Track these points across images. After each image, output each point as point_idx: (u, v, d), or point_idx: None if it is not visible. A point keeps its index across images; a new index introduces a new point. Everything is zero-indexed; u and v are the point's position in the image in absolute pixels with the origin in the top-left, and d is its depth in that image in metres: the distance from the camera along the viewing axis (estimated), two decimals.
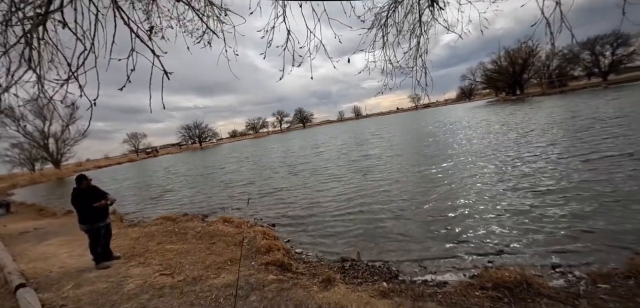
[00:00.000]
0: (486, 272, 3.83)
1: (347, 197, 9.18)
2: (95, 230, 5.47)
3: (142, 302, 4.02)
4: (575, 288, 3.31)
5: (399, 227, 6.33)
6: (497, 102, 56.96)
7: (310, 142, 35.21)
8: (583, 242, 4.61)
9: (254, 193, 12.05)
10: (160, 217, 9.44)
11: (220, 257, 5.43)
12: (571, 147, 10.37)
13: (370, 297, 3.58)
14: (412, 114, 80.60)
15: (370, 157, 16.27)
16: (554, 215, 5.62)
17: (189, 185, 17.17)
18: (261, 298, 3.79)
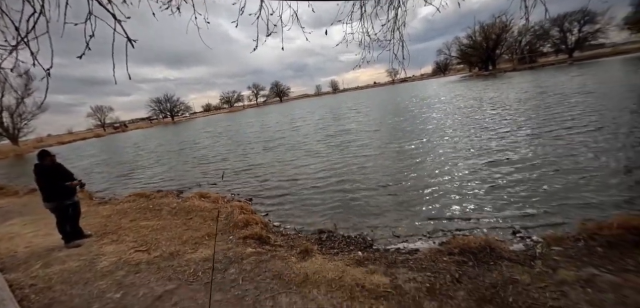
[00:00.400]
0: (454, 239, 4.06)
1: (324, 171, 9.28)
2: (63, 208, 5.24)
3: (118, 279, 3.96)
4: (532, 251, 3.59)
5: (374, 199, 6.51)
6: (470, 77, 58.40)
7: (287, 117, 34.83)
8: (542, 210, 4.96)
9: (230, 169, 11.88)
10: (133, 193, 9.16)
11: (197, 232, 5.39)
12: (537, 122, 10.92)
13: (346, 265, 3.71)
14: (389, 89, 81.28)
15: (348, 132, 16.38)
16: (517, 186, 5.98)
17: (161, 162, 16.63)
18: (240, 271, 3.84)
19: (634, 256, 3.13)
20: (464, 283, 3.07)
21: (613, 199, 4.90)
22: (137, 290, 3.63)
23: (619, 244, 3.34)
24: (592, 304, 2.51)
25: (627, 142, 7.27)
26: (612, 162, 6.32)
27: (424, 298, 2.91)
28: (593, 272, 2.98)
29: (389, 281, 3.25)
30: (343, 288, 3.19)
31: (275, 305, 3.06)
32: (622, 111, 10.22)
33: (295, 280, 3.48)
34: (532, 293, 2.76)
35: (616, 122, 9.11)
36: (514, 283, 2.94)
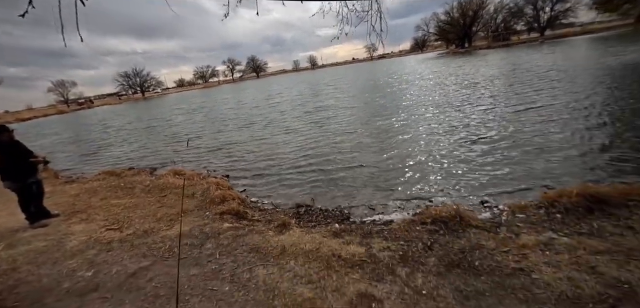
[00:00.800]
0: (426, 210, 4.22)
1: (302, 148, 9.27)
2: (26, 186, 4.96)
3: (89, 258, 3.85)
4: (498, 219, 3.80)
5: (352, 175, 6.60)
6: (447, 55, 59.26)
7: (264, 93, 34.19)
8: (509, 181, 5.23)
9: (205, 147, 11.61)
10: (103, 172, 8.79)
11: (172, 209, 5.29)
12: (510, 99, 11.32)
13: (323, 237, 3.78)
14: (368, 65, 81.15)
15: (326, 108, 16.33)
16: (488, 160, 6.24)
17: (132, 140, 15.97)
18: (217, 245, 3.83)
19: (588, 221, 3.39)
20: (434, 250, 3.21)
21: (576, 170, 5.24)
22: (109, 268, 3.55)
23: (575, 210, 3.59)
24: (549, 264, 2.72)
25: (592, 118, 7.72)
26: (577, 135, 6.71)
27: (397, 265, 3.03)
28: (551, 236, 3.20)
29: (364, 250, 3.35)
30: (320, 259, 3.26)
31: (252, 277, 3.09)
32: (589, 89, 10.76)
33: (272, 252, 3.51)
34: (496, 257, 2.94)
35: (582, 99, 9.61)
36: (480, 249, 3.11)
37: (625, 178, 4.65)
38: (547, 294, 2.39)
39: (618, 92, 9.71)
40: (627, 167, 5.04)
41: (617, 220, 3.29)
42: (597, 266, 2.60)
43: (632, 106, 8.09)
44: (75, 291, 3.17)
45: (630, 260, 2.63)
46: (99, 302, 2.95)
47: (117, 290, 3.13)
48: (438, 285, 2.67)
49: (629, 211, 3.42)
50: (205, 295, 2.89)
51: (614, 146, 5.92)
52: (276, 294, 2.79)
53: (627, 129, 6.62)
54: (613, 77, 12.16)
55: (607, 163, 5.33)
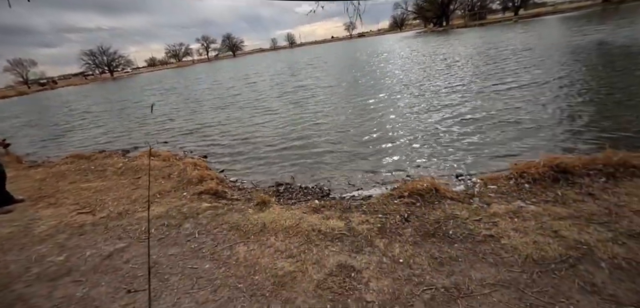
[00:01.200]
0: (404, 184, 4.31)
1: (281, 127, 9.18)
2: None
3: (60, 242, 3.69)
4: (471, 190, 3.96)
5: (332, 153, 6.61)
6: (425, 33, 59.70)
7: (241, 72, 33.33)
8: (483, 154, 5.44)
9: (180, 127, 11.27)
10: (71, 155, 8.37)
11: (147, 190, 5.13)
12: (486, 77, 11.63)
13: (303, 213, 3.81)
14: (347, 43, 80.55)
15: (305, 88, 16.15)
16: (463, 135, 6.44)
17: (100, 122, 15.22)
18: (196, 225, 3.78)
19: (554, 189, 3.59)
20: (411, 221, 3.32)
21: (544, 142, 5.51)
22: (82, 252, 3.43)
23: (542, 180, 3.79)
24: (517, 231, 2.87)
25: (561, 93, 8.08)
26: (547, 110, 7.02)
27: (375, 236, 3.11)
28: (520, 204, 3.38)
29: (344, 224, 3.41)
30: (300, 234, 3.29)
31: (232, 254, 3.08)
32: (559, 66, 11.21)
33: (253, 230, 3.51)
34: (469, 226, 3.07)
35: (553, 75, 10.01)
36: (454, 219, 3.24)
37: (588, 147, 4.96)
38: (515, 258, 2.54)
39: (585, 68, 10.20)
40: (590, 138, 5.36)
41: (580, 188, 3.51)
42: (560, 230, 2.78)
43: (596, 81, 8.52)
44: (45, 276, 3.05)
45: (590, 223, 2.83)
46: (72, 286, 2.86)
47: (92, 272, 3.04)
48: (414, 254, 2.77)
49: (590, 179, 3.64)
50: (185, 273, 2.87)
51: (579, 119, 6.26)
52: (257, 269, 2.81)
53: (591, 103, 7.00)
54: (581, 54, 12.73)
55: (573, 135, 5.64)
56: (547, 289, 2.19)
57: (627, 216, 2.85)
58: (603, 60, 11.11)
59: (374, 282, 2.49)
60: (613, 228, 2.71)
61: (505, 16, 64.46)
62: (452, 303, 2.19)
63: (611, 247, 2.48)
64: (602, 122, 5.92)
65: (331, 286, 2.50)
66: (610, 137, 5.22)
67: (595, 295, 2.09)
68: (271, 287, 2.57)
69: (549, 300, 2.10)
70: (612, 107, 6.61)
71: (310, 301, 2.37)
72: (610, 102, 6.88)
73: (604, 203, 3.13)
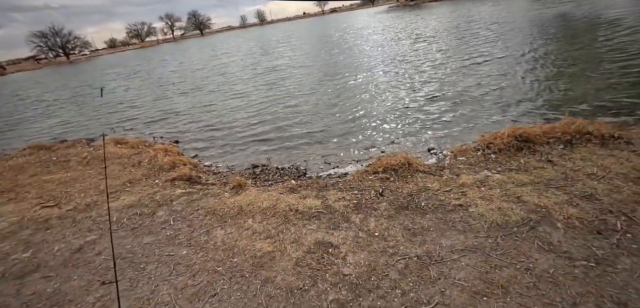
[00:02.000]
0: (379, 160, 4.41)
1: (255, 109, 9.02)
2: None
3: (24, 238, 3.51)
4: (442, 163, 4.13)
5: (307, 133, 6.60)
6: (397, 8, 59.73)
7: (209, 53, 32.07)
8: (453, 129, 5.63)
9: (146, 114, 10.80)
10: (30, 146, 7.83)
11: (117, 180, 4.94)
12: (457, 51, 11.91)
13: (280, 194, 3.82)
14: (319, 20, 79.19)
15: (278, 68, 15.82)
16: (436, 110, 6.61)
17: (58, 111, 14.26)
18: (170, 212, 3.70)
19: (517, 158, 3.81)
20: (386, 196, 3.42)
21: (511, 114, 5.78)
22: (50, 246, 3.28)
23: (507, 150, 4.01)
24: (484, 199, 3.05)
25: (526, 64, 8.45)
26: (514, 82, 7.35)
27: (351, 212, 3.19)
28: (487, 174, 3.57)
29: (321, 203, 3.46)
30: (277, 215, 3.32)
31: (210, 239, 3.06)
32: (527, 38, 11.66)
33: (229, 213, 3.49)
34: (439, 197, 3.22)
35: (521, 48, 10.41)
36: (426, 191, 3.38)
37: (548, 117, 5.27)
38: (481, 224, 2.71)
39: (549, 41, 10.68)
40: (551, 108, 5.69)
41: (540, 156, 3.75)
42: (522, 196, 2.98)
43: (558, 54, 8.97)
44: (11, 274, 2.91)
45: (549, 188, 3.05)
46: (42, 282, 2.75)
47: (62, 267, 2.93)
48: (389, 227, 2.88)
49: (549, 147, 3.90)
50: (161, 260, 2.83)
51: (543, 90, 6.60)
52: (235, 252, 2.82)
53: (554, 75, 7.38)
54: (546, 27, 13.29)
55: (536, 106, 5.96)
56: (509, 251, 2.36)
57: (581, 179, 3.09)
58: (566, 33, 11.67)
59: (351, 256, 2.57)
60: (568, 191, 2.93)
61: None
62: (425, 270, 2.32)
63: (566, 208, 2.70)
64: (563, 93, 6.29)
65: (310, 263, 2.57)
66: (569, 106, 5.56)
67: (552, 253, 2.28)
68: (250, 267, 2.60)
69: (511, 260, 2.27)
70: (573, 78, 7.00)
71: (289, 278, 2.43)
72: (572, 74, 7.27)
73: (561, 168, 3.37)
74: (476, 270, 2.24)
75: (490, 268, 2.23)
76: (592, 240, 2.34)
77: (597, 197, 2.78)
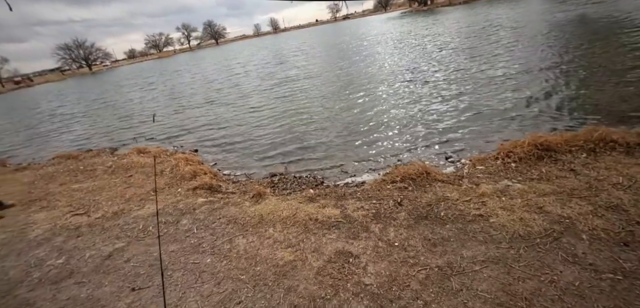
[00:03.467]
0: (396, 168, 4.43)
1: (271, 118, 9.16)
2: None
3: (57, 245, 3.70)
4: (461, 172, 4.11)
5: (323, 141, 6.67)
6: (410, 13, 59.49)
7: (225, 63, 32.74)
8: (471, 137, 5.58)
9: (168, 122, 11.12)
10: (58, 155, 8.21)
11: (141, 188, 5.13)
12: (473, 58, 11.78)
13: (299, 203, 3.89)
14: (332, 26, 79.68)
15: (293, 78, 16.01)
16: (451, 119, 6.57)
17: (83, 120, 14.87)
18: (193, 220, 3.82)
19: (538, 167, 3.76)
20: (404, 205, 3.44)
21: (531, 122, 5.69)
22: (82, 253, 3.45)
23: (528, 159, 3.96)
24: (505, 209, 3.03)
25: (545, 70, 8.30)
26: (529, 88, 7.22)
27: (370, 222, 3.23)
28: (507, 183, 3.54)
29: (340, 212, 3.51)
30: (297, 224, 3.38)
31: (232, 247, 3.15)
32: (545, 44, 11.43)
33: (250, 222, 3.58)
34: (459, 207, 3.21)
35: (538, 53, 10.24)
36: (445, 200, 3.38)
37: (570, 125, 5.16)
38: (503, 234, 2.69)
39: (568, 46, 10.44)
40: (572, 116, 5.57)
41: (562, 165, 3.69)
42: (545, 206, 2.94)
43: (579, 59, 8.75)
44: (47, 279, 3.08)
45: (572, 198, 3.00)
46: (76, 288, 2.90)
47: (94, 273, 3.07)
48: (408, 237, 2.90)
49: (572, 156, 3.83)
50: (187, 268, 2.93)
51: (563, 97, 6.47)
52: (258, 260, 2.89)
53: (575, 81, 7.22)
54: (567, 30, 12.99)
55: (557, 113, 5.85)
56: (533, 262, 2.34)
57: (606, 189, 3.03)
58: (586, 36, 11.37)
59: (372, 266, 2.61)
60: (593, 202, 2.88)
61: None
62: (446, 281, 2.33)
63: (591, 219, 2.65)
64: (584, 100, 6.14)
65: (331, 272, 2.61)
66: (592, 114, 5.44)
67: (577, 265, 2.25)
68: (273, 276, 2.66)
69: (535, 272, 2.26)
70: (596, 85, 6.80)
71: (312, 287, 2.48)
72: (593, 80, 7.08)
73: (585, 178, 3.31)
74: (499, 281, 2.24)
75: (513, 280, 2.22)
76: (619, 252, 2.30)
77: (623, 208, 2.73)
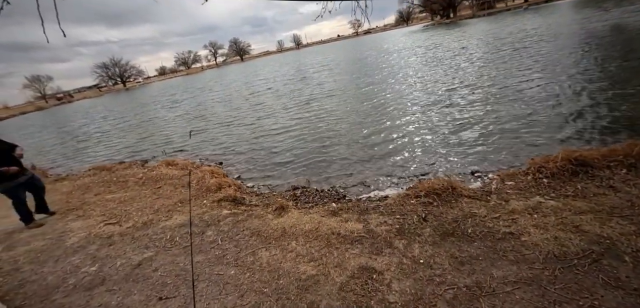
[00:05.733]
0: (420, 183, 4.34)
1: (294, 132, 9.27)
2: (13, 188, 4.82)
3: (91, 253, 3.88)
4: (488, 187, 3.96)
5: (345, 155, 6.64)
6: (433, 26, 58.96)
7: (250, 78, 33.65)
8: (498, 151, 5.39)
9: (195, 137, 11.52)
10: (93, 167, 8.68)
11: (169, 200, 5.31)
12: (499, 70, 11.48)
13: (321, 217, 3.89)
14: (354, 41, 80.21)
15: (317, 97, 16.19)
16: (478, 133, 6.38)
17: (117, 132, 15.70)
18: (218, 232, 3.90)
19: (573, 183, 3.56)
20: (429, 221, 3.35)
21: (563, 136, 5.43)
22: (113, 261, 3.60)
23: (561, 174, 3.76)
24: (537, 227, 2.88)
25: (577, 83, 7.93)
26: (560, 101, 6.91)
27: (394, 237, 3.17)
28: (539, 200, 3.37)
29: (362, 227, 3.47)
30: (320, 238, 3.37)
31: (256, 260, 3.18)
32: (574, 56, 10.97)
33: (273, 235, 3.61)
34: (487, 224, 3.09)
35: (569, 67, 9.82)
36: (473, 217, 3.26)
37: (607, 139, 4.87)
38: (536, 254, 2.56)
39: (601, 57, 9.94)
40: (609, 130, 5.26)
41: (600, 181, 3.47)
42: (581, 225, 2.77)
43: (611, 71, 8.31)
44: (82, 286, 3.22)
45: (612, 217, 2.81)
46: (107, 295, 3.01)
47: (124, 281, 3.19)
48: (434, 254, 2.81)
49: (610, 171, 3.60)
50: (211, 279, 2.98)
51: (597, 110, 6.13)
52: (281, 274, 2.90)
53: (608, 91, 6.84)
54: (598, 38, 12.41)
55: (591, 127, 5.54)
56: (570, 285, 2.21)
57: None
58: (620, 47, 10.80)
59: (396, 283, 2.54)
60: (636, 222, 2.69)
61: (515, 3, 62.98)
62: (475, 301, 2.23)
63: (635, 240, 2.47)
64: (621, 113, 5.80)
65: (354, 288, 2.57)
66: (630, 128, 5.12)
67: (620, 290, 2.10)
68: (296, 290, 2.66)
69: (573, 296, 2.12)
70: (632, 97, 6.42)
71: (335, 303, 2.45)
72: (630, 92, 6.68)
73: (626, 195, 3.10)
74: (532, 304, 2.12)
75: (548, 304, 2.10)
76: None
77: None
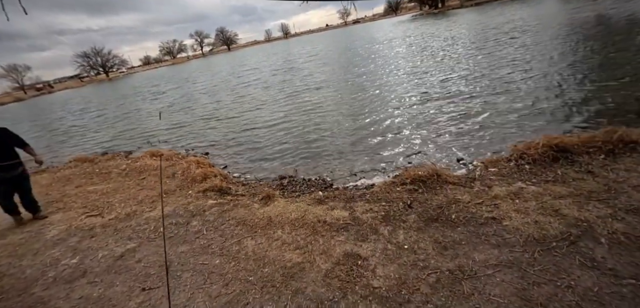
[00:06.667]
0: (406, 171, 4.36)
1: (281, 122, 9.19)
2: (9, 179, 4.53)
3: (72, 245, 3.78)
4: (472, 174, 4.02)
5: (332, 145, 6.63)
6: (421, 16, 59.07)
7: (236, 68, 33.15)
8: (482, 139, 5.47)
9: (181, 127, 11.31)
10: (74, 158, 8.43)
11: (153, 190, 5.22)
12: (485, 59, 11.59)
13: (307, 205, 3.88)
14: (342, 31, 79.74)
15: (303, 88, 16.07)
16: (463, 121, 6.45)
17: (99, 124, 15.29)
18: (203, 222, 3.85)
19: (554, 169, 3.65)
20: (414, 208, 3.39)
21: (543, 122, 5.55)
22: (95, 253, 3.52)
23: (542, 160, 3.84)
24: (519, 212, 2.94)
25: (560, 70, 8.09)
26: (546, 90, 7.04)
27: (379, 224, 3.19)
28: (520, 185, 3.44)
29: (348, 214, 3.48)
30: (306, 226, 3.37)
31: (241, 249, 3.16)
32: (558, 45, 11.17)
33: (259, 224, 3.59)
34: (471, 209, 3.14)
35: (553, 55, 9.99)
36: (457, 203, 3.31)
37: (587, 126, 5.00)
38: (516, 238, 2.61)
39: (584, 46, 10.16)
40: (590, 117, 5.40)
41: (579, 166, 3.57)
42: (561, 209, 2.84)
43: (595, 60, 8.51)
44: (61, 279, 3.14)
45: (590, 201, 2.89)
46: (88, 287, 2.95)
47: (106, 273, 3.13)
48: (418, 239, 2.84)
49: (589, 157, 3.70)
50: (196, 269, 2.95)
51: (579, 97, 6.28)
52: (266, 262, 2.89)
53: (591, 80, 7.01)
54: (584, 29, 12.67)
55: (573, 114, 5.68)
56: (548, 267, 2.26)
57: (626, 192, 2.91)
58: (605, 37, 11.04)
59: (381, 269, 2.56)
60: (612, 205, 2.77)
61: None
62: (457, 284, 2.27)
63: (610, 222, 2.55)
64: (601, 101, 5.95)
65: (339, 274, 2.58)
66: (610, 115, 5.26)
67: (595, 270, 2.17)
68: (281, 278, 2.65)
69: (551, 277, 2.18)
70: (614, 86, 6.58)
71: (320, 290, 2.45)
72: (612, 81, 6.85)
73: (603, 180, 3.19)
74: (513, 286, 2.17)
75: (528, 285, 2.15)
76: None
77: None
